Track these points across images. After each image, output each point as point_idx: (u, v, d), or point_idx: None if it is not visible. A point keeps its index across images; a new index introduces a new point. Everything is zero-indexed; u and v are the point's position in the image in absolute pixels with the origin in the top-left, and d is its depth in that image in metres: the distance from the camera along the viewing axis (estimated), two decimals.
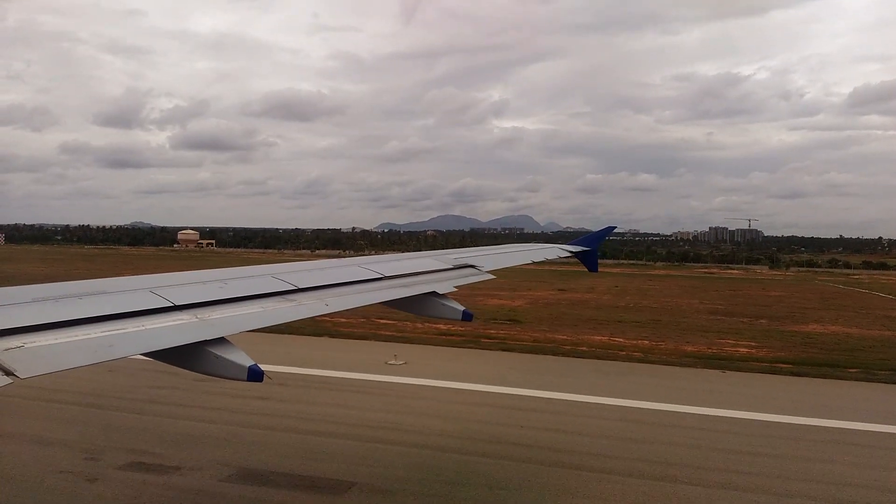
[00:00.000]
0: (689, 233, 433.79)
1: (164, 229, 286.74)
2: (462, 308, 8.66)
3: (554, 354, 29.82)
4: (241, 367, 5.60)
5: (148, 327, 5.54)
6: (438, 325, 37.82)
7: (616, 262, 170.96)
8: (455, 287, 9.34)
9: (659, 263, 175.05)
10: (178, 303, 6.08)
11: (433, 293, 8.81)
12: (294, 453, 15.57)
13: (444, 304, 8.75)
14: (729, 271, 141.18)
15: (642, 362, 28.64)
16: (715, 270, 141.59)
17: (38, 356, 4.60)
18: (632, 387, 23.10)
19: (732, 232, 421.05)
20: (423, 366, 25.85)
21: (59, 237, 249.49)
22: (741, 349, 32.63)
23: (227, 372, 5.60)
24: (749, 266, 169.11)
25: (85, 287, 6.01)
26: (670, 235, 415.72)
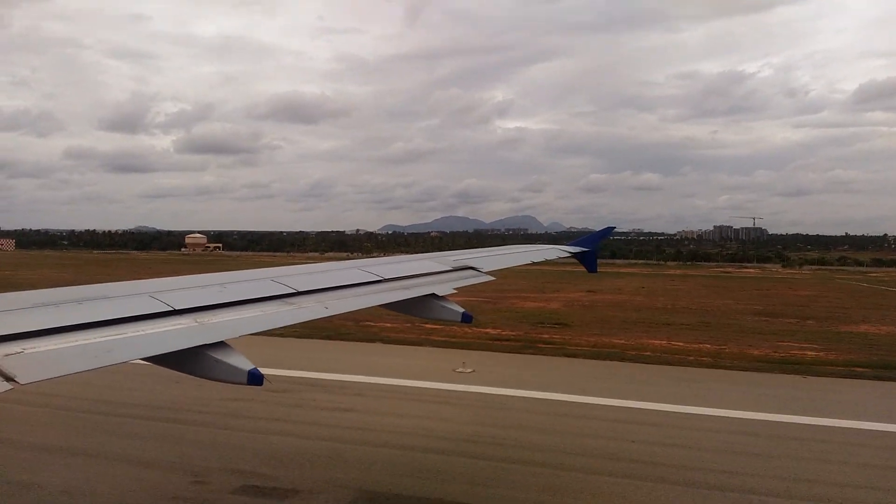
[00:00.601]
0: (694, 231, 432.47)
1: (170, 233, 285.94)
2: (462, 310, 8.65)
3: (621, 360, 28.84)
4: (240, 371, 5.54)
5: (148, 332, 5.50)
6: (488, 331, 36.94)
7: (627, 261, 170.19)
8: (454, 289, 9.32)
9: (671, 263, 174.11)
10: (177, 307, 6.02)
11: (433, 295, 8.80)
12: (408, 472, 14.64)
13: (443, 306, 8.73)
14: (744, 270, 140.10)
15: (713, 368, 27.67)
16: (731, 269, 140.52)
17: (37, 361, 4.55)
18: (721, 395, 22.13)
19: (737, 230, 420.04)
20: (493, 374, 24.90)
21: (66, 242, 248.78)
22: (807, 352, 31.65)
23: (227, 376, 5.56)
24: (761, 265, 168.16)
25: (85, 292, 5.96)
26: (675, 234, 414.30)
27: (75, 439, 16.44)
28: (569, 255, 15.73)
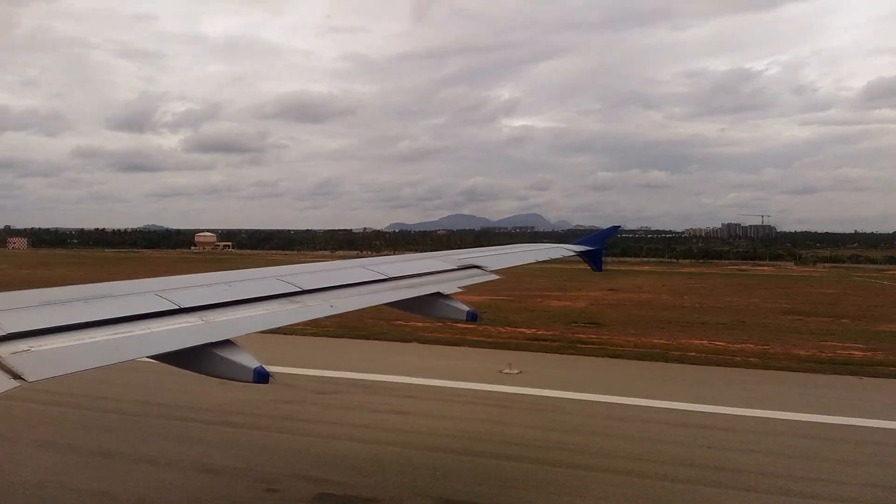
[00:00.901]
0: (701, 229, 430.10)
1: (179, 232, 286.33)
2: (467, 308, 8.66)
3: (665, 361, 28.21)
4: (247, 368, 5.57)
5: (154, 330, 5.54)
6: (523, 330, 36.41)
7: (640, 259, 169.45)
8: (460, 287, 9.34)
9: (684, 261, 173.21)
10: (183, 305, 6.06)
11: (438, 294, 8.83)
12: (483, 479, 14.06)
13: (449, 305, 8.76)
14: (759, 268, 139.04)
15: (763, 368, 27.00)
16: (745, 267, 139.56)
17: (45, 359, 4.59)
18: (783, 397, 21.49)
19: (746, 228, 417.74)
20: (542, 375, 24.32)
21: (76, 241, 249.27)
22: (853, 352, 30.94)
23: (233, 374, 5.59)
24: (774, 262, 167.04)
25: (92, 290, 6.02)
26: (683, 232, 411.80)
27: (135, 444, 15.95)
28: (574, 254, 15.50)
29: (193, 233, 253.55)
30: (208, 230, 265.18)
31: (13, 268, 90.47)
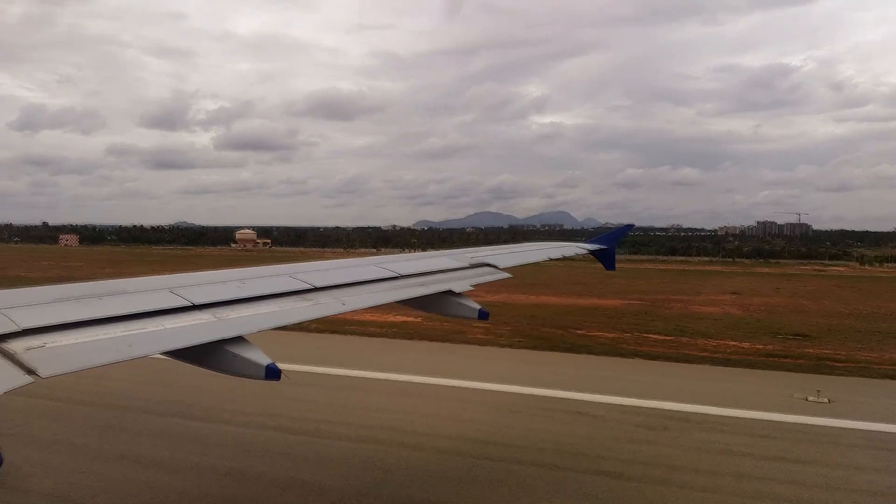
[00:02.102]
0: (736, 227, 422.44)
1: (216, 229, 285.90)
2: (478, 307, 8.52)
3: None
4: (258, 365, 5.49)
5: (167, 327, 5.54)
6: (734, 343, 32.48)
7: (699, 259, 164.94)
8: (472, 286, 9.18)
9: (741, 260, 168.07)
10: (196, 302, 6.03)
11: (449, 292, 8.68)
12: None
13: (460, 303, 8.62)
14: (834, 268, 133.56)
15: None
16: (819, 267, 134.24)
17: (59, 355, 4.59)
18: None
19: (781, 226, 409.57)
20: (864, 406, 20.50)
21: (114, 237, 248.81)
22: None
23: (245, 371, 5.52)
24: (841, 262, 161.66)
25: (106, 287, 6.02)
26: (717, 230, 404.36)
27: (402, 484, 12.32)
28: (587, 252, 15.40)
29: (223, 230, 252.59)
30: (238, 227, 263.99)
31: (91, 265, 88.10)
